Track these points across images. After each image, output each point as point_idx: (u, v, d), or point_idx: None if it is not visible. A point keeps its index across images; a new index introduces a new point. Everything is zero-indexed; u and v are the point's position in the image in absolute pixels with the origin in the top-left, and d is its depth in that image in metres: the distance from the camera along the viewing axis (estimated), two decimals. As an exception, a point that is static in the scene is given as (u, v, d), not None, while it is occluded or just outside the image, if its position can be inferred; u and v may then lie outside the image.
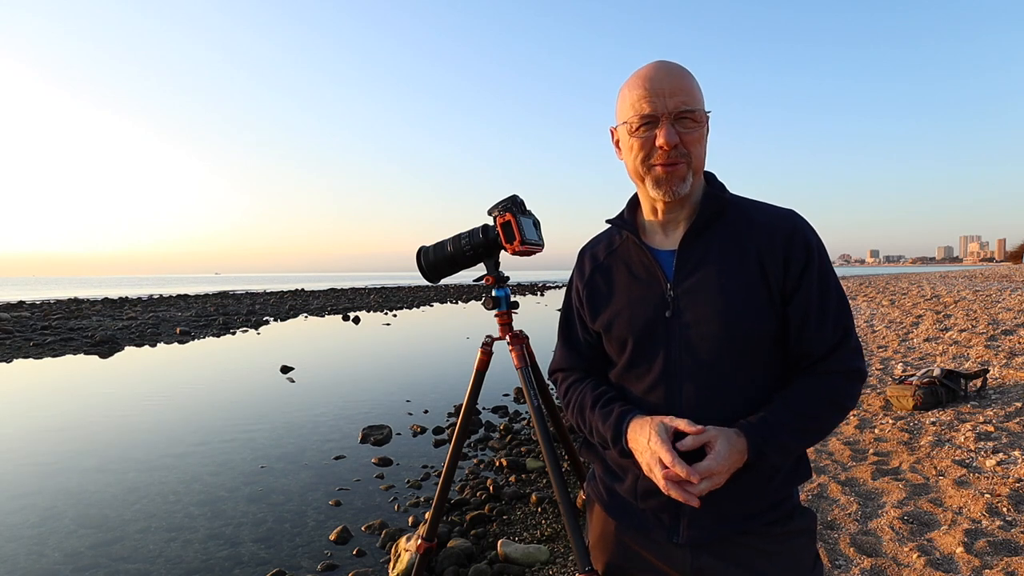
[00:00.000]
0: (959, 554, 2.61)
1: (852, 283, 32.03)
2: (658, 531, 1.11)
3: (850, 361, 1.05)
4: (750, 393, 1.06)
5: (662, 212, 1.14)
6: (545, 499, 4.01)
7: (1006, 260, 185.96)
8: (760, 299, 1.05)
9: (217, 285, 70.53)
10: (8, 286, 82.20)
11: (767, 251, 1.06)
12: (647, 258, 1.14)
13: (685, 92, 1.05)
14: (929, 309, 12.82)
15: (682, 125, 1.05)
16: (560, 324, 1.32)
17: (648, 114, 1.04)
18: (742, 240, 1.08)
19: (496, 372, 2.04)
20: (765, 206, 1.13)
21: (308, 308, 25.91)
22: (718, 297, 1.05)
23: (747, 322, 1.04)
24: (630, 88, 1.08)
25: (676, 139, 1.04)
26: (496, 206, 1.74)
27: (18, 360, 11.61)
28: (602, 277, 1.21)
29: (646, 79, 1.06)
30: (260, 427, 6.32)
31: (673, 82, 1.05)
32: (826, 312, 1.05)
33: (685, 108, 1.04)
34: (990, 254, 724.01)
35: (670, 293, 1.09)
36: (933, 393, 4.98)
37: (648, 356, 1.10)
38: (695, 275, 1.08)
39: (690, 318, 1.07)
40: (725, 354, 1.05)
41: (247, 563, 3.37)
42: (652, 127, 1.05)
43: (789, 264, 1.05)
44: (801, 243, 1.06)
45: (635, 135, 1.07)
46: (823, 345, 1.05)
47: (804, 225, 1.09)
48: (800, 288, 1.05)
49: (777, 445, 1.00)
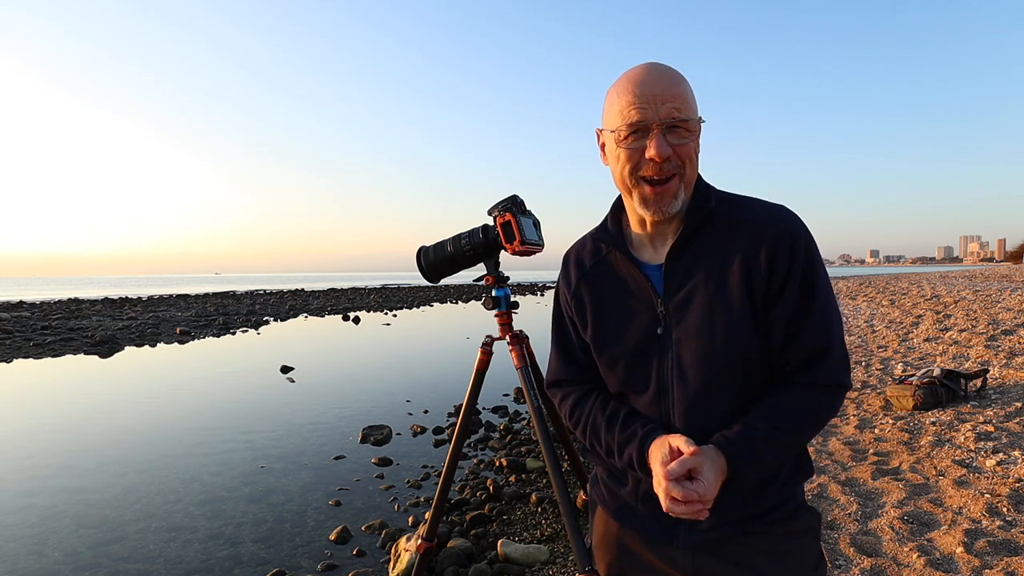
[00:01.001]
0: (959, 554, 2.61)
1: (852, 283, 32.03)
2: (660, 533, 1.10)
3: (831, 374, 1.01)
4: (745, 405, 1.03)
5: (650, 226, 1.09)
6: (545, 499, 4.01)
7: (1006, 260, 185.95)
8: (746, 312, 1.01)
9: (217, 285, 70.54)
10: (8, 286, 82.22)
11: (751, 257, 1.01)
12: (636, 272, 1.09)
13: (678, 99, 0.99)
14: (929, 309, 12.82)
15: (674, 135, 0.99)
16: (553, 331, 1.26)
17: (637, 122, 0.98)
18: (728, 248, 1.03)
19: (496, 372, 2.04)
20: (753, 204, 1.08)
21: (308, 308, 25.91)
22: (706, 311, 1.01)
23: (735, 335, 1.00)
24: (618, 93, 1.02)
25: (668, 151, 0.98)
26: (496, 206, 1.74)
27: (18, 360, 11.61)
28: (589, 288, 1.15)
29: (636, 83, 1.00)
30: (260, 427, 6.32)
31: (665, 87, 0.99)
32: (810, 319, 1.00)
33: (678, 116, 0.98)
34: (990, 254, 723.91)
35: (661, 309, 1.06)
36: (933, 393, 4.98)
37: (641, 374, 1.08)
38: (683, 289, 1.04)
39: (681, 334, 1.03)
40: (718, 368, 1.02)
41: (247, 563, 3.37)
42: (642, 137, 0.99)
43: (773, 268, 1.00)
44: (787, 245, 1.01)
45: (623, 144, 1.01)
46: (804, 354, 1.01)
47: (792, 225, 1.03)
48: (782, 293, 1.00)
49: (753, 461, 0.97)
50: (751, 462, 0.97)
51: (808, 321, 1.00)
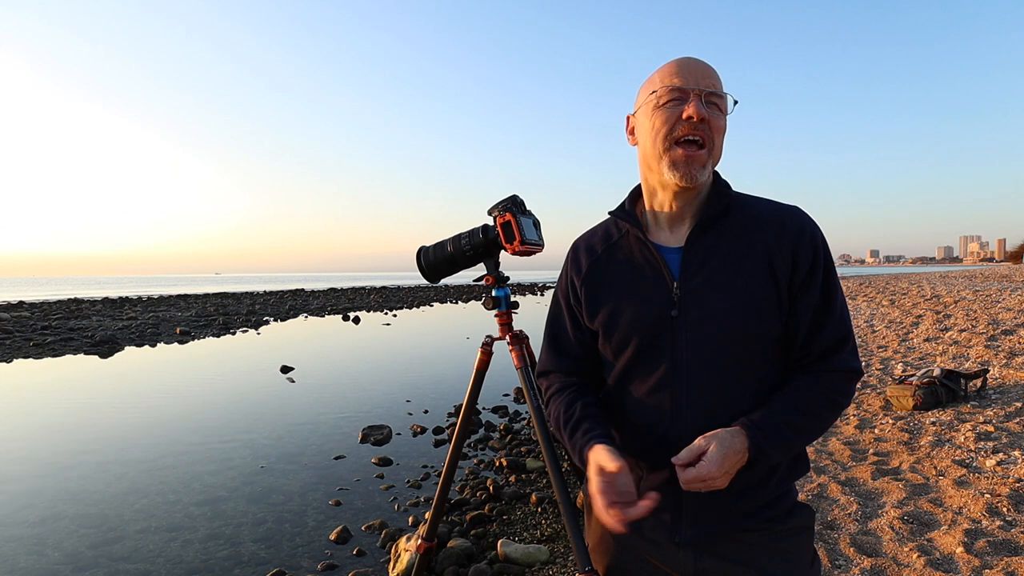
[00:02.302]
0: (959, 554, 2.61)
1: (852, 283, 32.03)
2: (659, 532, 1.10)
3: (849, 361, 1.05)
4: (757, 392, 1.04)
5: (670, 203, 1.10)
6: (545, 499, 4.01)
7: (1006, 260, 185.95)
8: (768, 297, 1.03)
9: (217, 285, 70.55)
10: (8, 286, 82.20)
11: (775, 248, 1.04)
12: (652, 254, 1.10)
13: (715, 77, 1.05)
14: (929, 309, 12.82)
15: (711, 108, 1.04)
16: (547, 323, 1.27)
17: (679, 87, 1.03)
18: (749, 237, 1.06)
19: (496, 372, 2.04)
20: (769, 203, 1.11)
21: (308, 308, 25.91)
22: (726, 295, 1.03)
23: (755, 321, 1.03)
24: (659, 71, 1.08)
25: (705, 112, 1.02)
26: (496, 206, 1.74)
27: (18, 360, 11.60)
28: (602, 272, 1.16)
29: (677, 63, 1.06)
30: (260, 427, 6.32)
31: (705, 69, 1.05)
32: (831, 312, 1.05)
33: (716, 90, 1.04)
34: (990, 254, 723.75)
35: (676, 292, 1.06)
36: (933, 393, 4.98)
37: (652, 357, 1.07)
38: (702, 273, 1.05)
39: (697, 317, 1.04)
40: (732, 353, 1.03)
41: (247, 563, 3.37)
42: (680, 103, 1.03)
43: (797, 262, 1.04)
44: (809, 241, 1.05)
45: (661, 108, 1.05)
46: (825, 345, 1.04)
47: (811, 223, 1.08)
48: (807, 287, 1.04)
49: (779, 443, 0.99)
50: (774, 443, 0.98)
51: (831, 314, 1.05)
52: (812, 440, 1.06)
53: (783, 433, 0.99)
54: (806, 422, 1.02)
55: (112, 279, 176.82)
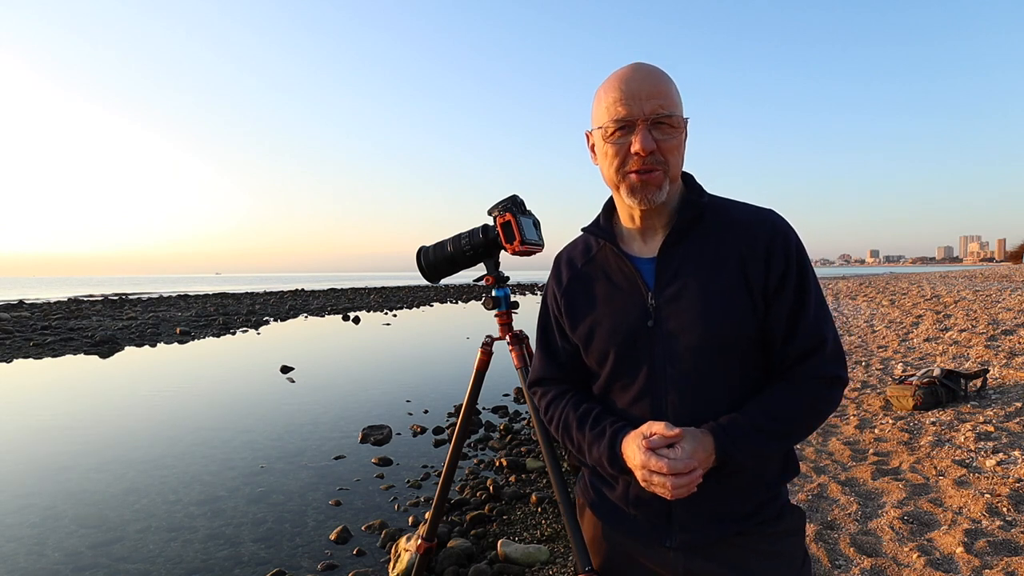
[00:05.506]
0: (959, 554, 2.61)
1: (852, 283, 32.02)
2: (650, 535, 1.10)
3: (827, 367, 1.03)
4: (736, 398, 1.04)
5: (639, 219, 1.11)
6: (545, 499, 4.01)
7: (1006, 260, 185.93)
8: (743, 304, 1.03)
9: (217, 285, 70.54)
10: (8, 286, 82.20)
11: (748, 253, 1.04)
12: (627, 266, 1.11)
13: (662, 96, 1.01)
14: (929, 309, 12.82)
15: (659, 131, 1.02)
16: (538, 332, 1.28)
17: (623, 118, 1.01)
18: (722, 244, 1.06)
19: (496, 372, 2.04)
20: (743, 206, 1.11)
21: (308, 308, 25.91)
22: (700, 304, 1.03)
23: (730, 328, 1.02)
24: (605, 91, 1.05)
25: (652, 145, 1.00)
26: (496, 206, 1.74)
27: (18, 360, 11.60)
28: (580, 286, 1.17)
29: (622, 81, 1.03)
30: (260, 427, 6.32)
31: (650, 85, 1.02)
32: (805, 315, 1.03)
33: (662, 113, 1.01)
34: (990, 254, 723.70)
35: (652, 302, 1.06)
36: (933, 393, 4.98)
37: (631, 367, 1.08)
38: (676, 283, 1.06)
39: (673, 327, 1.04)
40: (710, 361, 1.03)
41: (247, 563, 3.37)
42: (628, 132, 1.02)
43: (770, 267, 1.03)
44: (781, 244, 1.04)
45: (610, 140, 1.04)
46: (802, 348, 1.03)
47: (784, 226, 1.07)
48: (780, 290, 1.03)
49: (745, 448, 0.98)
50: (741, 446, 0.98)
51: (804, 316, 1.03)
52: (789, 445, 1.05)
53: (752, 438, 0.98)
54: (780, 427, 1.01)
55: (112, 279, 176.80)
